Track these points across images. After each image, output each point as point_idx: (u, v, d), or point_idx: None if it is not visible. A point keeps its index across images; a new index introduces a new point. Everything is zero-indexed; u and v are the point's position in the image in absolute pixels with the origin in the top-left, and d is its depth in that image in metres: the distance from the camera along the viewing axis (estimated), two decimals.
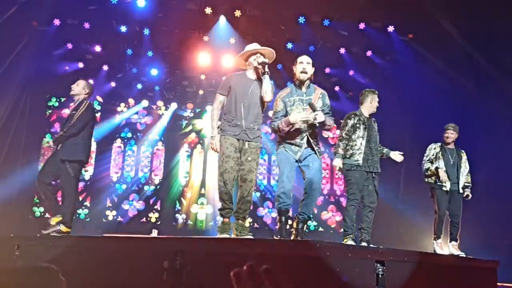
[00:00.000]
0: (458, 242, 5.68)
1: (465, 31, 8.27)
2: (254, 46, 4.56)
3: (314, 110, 4.28)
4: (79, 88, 5.47)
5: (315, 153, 4.37)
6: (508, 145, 7.45)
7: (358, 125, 5.24)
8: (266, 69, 4.35)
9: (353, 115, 5.36)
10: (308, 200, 4.36)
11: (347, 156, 5.18)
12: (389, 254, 3.11)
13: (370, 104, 5.34)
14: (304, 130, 4.37)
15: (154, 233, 8.27)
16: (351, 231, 4.95)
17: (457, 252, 5.51)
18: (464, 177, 5.87)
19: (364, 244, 4.90)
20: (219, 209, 4.35)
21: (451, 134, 5.98)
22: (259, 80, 4.47)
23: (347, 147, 5.20)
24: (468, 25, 8.13)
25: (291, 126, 4.29)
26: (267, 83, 4.36)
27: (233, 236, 4.16)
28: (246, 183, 4.28)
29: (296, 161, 4.39)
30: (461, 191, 5.82)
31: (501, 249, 6.79)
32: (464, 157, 6.02)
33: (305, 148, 4.39)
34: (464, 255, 5.27)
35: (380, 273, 3.00)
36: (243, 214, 4.32)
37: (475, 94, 8.41)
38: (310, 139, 4.37)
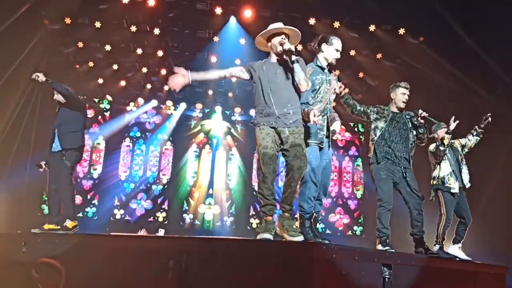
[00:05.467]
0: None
1: (477, 35, 8.19)
2: (278, 25, 4.03)
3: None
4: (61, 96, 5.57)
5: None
6: None
7: (378, 117, 4.88)
8: (293, 57, 3.80)
9: (377, 106, 4.99)
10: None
11: (374, 144, 4.83)
12: (396, 257, 3.07)
13: (396, 98, 4.93)
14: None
15: (161, 233, 8.26)
16: (382, 235, 4.53)
17: (463, 256, 5.40)
18: (465, 169, 5.69)
19: (420, 249, 4.51)
20: (261, 206, 3.81)
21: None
22: (284, 63, 3.95)
23: (375, 136, 4.86)
24: (479, 29, 8.05)
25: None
26: (299, 72, 3.85)
27: (279, 232, 3.68)
28: (294, 171, 3.71)
29: None
30: (467, 185, 5.60)
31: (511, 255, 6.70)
32: (459, 147, 5.82)
33: None
34: (471, 260, 5.17)
35: (387, 276, 2.97)
36: (289, 206, 3.78)
37: (486, 99, 8.32)
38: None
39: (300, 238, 3.48)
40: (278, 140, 3.81)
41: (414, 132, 4.95)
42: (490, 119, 5.65)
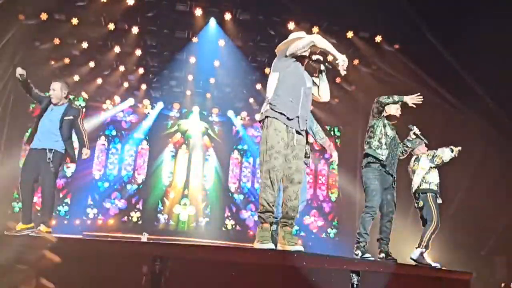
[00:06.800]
0: None
1: (451, 45, 8.41)
2: (302, 34, 4.00)
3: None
4: (58, 92, 5.35)
5: None
6: (484, 156, 7.61)
7: (385, 124, 4.98)
8: (323, 67, 3.89)
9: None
10: None
11: (372, 147, 4.86)
12: (364, 264, 3.16)
13: (391, 112, 5.07)
14: None
15: (144, 237, 8.11)
16: (362, 239, 4.62)
17: (433, 263, 5.54)
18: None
19: (382, 255, 4.71)
20: (260, 212, 3.58)
21: None
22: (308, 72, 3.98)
23: (372, 138, 4.92)
24: (453, 39, 8.27)
25: None
26: (325, 83, 3.92)
27: (279, 245, 3.53)
28: (294, 185, 3.65)
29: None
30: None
31: (475, 261, 6.92)
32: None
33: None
34: (439, 266, 5.32)
35: (355, 283, 3.05)
36: (291, 220, 3.65)
37: (457, 107, 8.55)
38: None
39: (300, 248, 3.42)
40: (287, 147, 3.67)
41: (401, 146, 5.13)
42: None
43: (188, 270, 2.98)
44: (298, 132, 3.75)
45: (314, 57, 3.89)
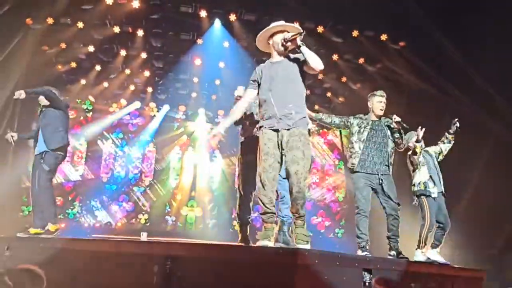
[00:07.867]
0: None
1: (457, 42, 8.37)
2: (280, 23, 4.01)
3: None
4: (43, 99, 5.54)
5: None
6: (493, 154, 7.56)
7: (359, 129, 5.03)
8: (299, 42, 3.75)
9: (358, 117, 5.17)
10: None
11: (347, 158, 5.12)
12: (376, 262, 3.14)
13: (373, 107, 5.14)
14: None
15: (143, 236, 8.18)
16: (361, 240, 4.75)
17: (442, 260, 5.49)
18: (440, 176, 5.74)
19: (393, 253, 4.73)
20: (260, 213, 3.73)
21: None
22: (288, 58, 3.95)
23: (348, 151, 5.13)
24: (459, 35, 8.23)
25: None
26: (310, 53, 3.77)
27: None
28: (291, 177, 3.62)
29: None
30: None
31: (488, 259, 6.86)
32: (434, 154, 5.82)
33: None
34: (449, 264, 5.28)
35: (367, 281, 3.04)
36: (297, 213, 3.63)
37: (465, 104, 8.50)
38: None
39: (307, 246, 3.48)
40: (281, 147, 3.72)
41: (389, 141, 5.10)
42: (458, 124, 5.73)
43: (198, 270, 2.98)
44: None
45: (288, 36, 3.83)
